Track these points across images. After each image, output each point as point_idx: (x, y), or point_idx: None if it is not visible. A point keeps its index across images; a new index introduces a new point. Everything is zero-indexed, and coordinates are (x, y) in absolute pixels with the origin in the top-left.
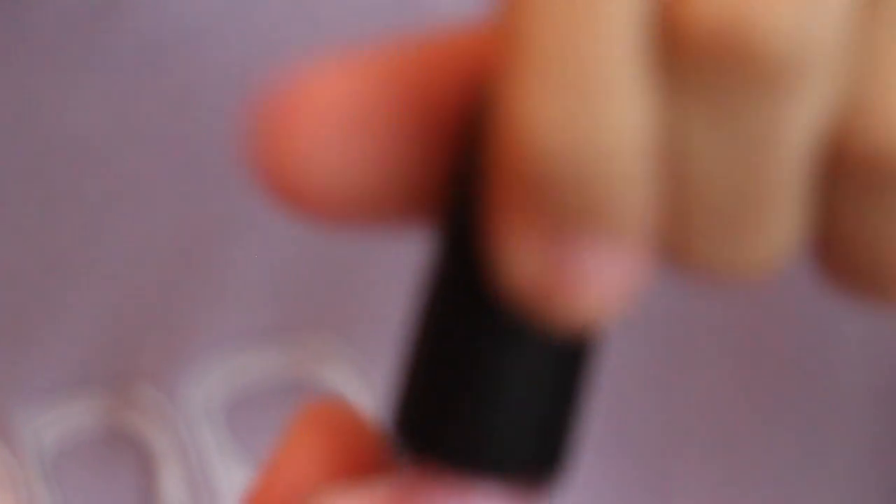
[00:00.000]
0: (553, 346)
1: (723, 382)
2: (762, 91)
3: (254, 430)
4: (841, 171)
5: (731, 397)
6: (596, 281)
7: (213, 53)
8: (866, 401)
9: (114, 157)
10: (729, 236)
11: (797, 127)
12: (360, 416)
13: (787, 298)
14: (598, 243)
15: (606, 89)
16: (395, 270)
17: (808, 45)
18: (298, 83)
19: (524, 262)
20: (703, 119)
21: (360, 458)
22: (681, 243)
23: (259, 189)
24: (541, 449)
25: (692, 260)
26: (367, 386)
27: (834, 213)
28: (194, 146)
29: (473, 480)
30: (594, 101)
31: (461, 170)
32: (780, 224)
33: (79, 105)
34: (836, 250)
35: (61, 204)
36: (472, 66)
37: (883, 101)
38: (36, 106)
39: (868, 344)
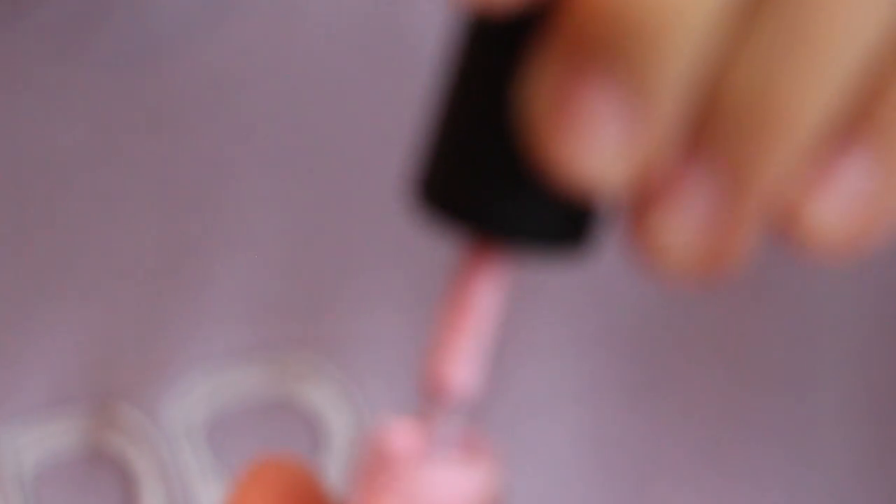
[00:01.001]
0: None
1: (710, 387)
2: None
3: (235, 450)
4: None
5: (718, 403)
6: (601, 135)
7: (191, 70)
8: (855, 408)
9: (92, 173)
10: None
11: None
12: (309, 472)
13: (774, 298)
14: (618, 96)
15: None
16: (377, 290)
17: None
18: None
19: (546, 82)
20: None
21: None
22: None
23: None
24: (564, 223)
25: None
26: (349, 405)
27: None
28: (174, 163)
29: (502, 245)
30: None
31: None
32: None
33: (56, 121)
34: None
35: (39, 221)
36: None
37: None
38: (12, 122)
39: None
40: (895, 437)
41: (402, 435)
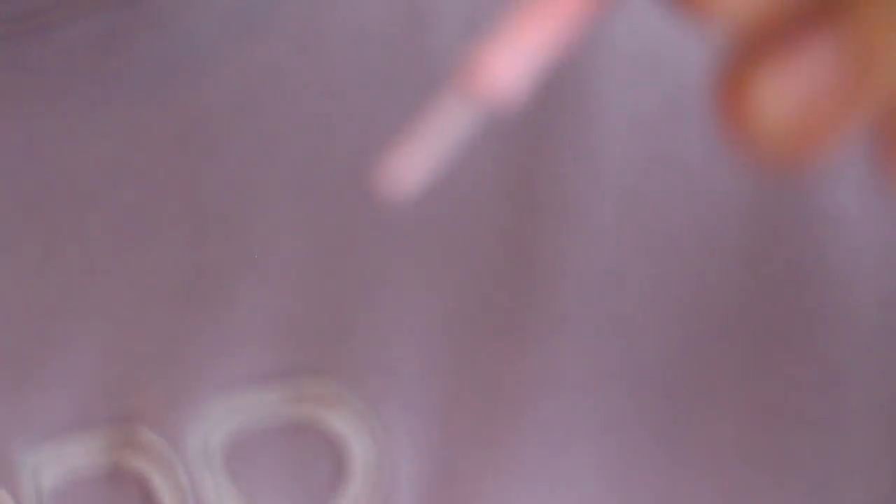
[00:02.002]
0: None
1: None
2: None
3: (254, 474)
4: None
5: (742, 439)
6: None
7: (218, 92)
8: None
9: (119, 193)
10: None
11: None
12: None
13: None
14: None
15: None
16: (398, 317)
17: None
18: None
19: None
20: None
21: None
22: None
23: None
24: None
25: None
26: (368, 431)
27: None
28: (200, 184)
29: None
30: None
31: None
32: None
33: (82, 141)
34: None
35: (63, 242)
36: None
37: None
38: (39, 142)
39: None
40: None
41: None
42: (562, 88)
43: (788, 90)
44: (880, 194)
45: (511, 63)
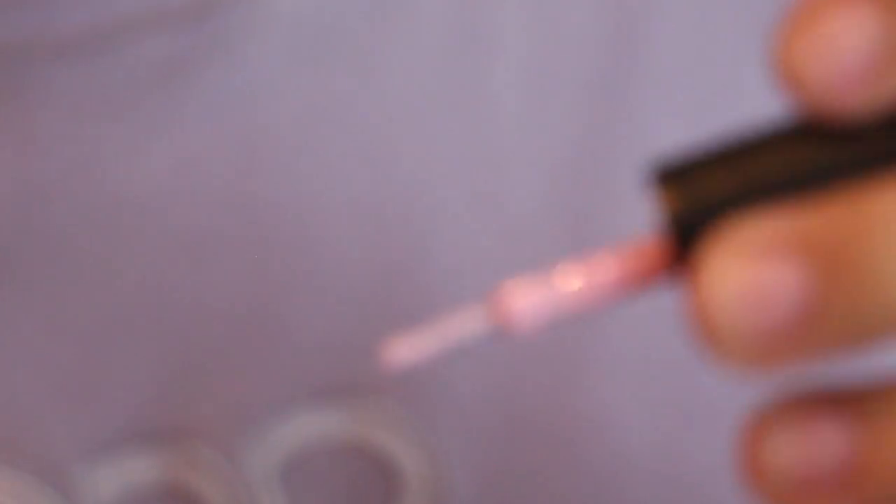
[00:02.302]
0: None
1: None
2: None
3: (310, 493)
4: None
5: None
6: None
7: (276, 113)
8: None
9: (176, 213)
10: None
11: None
12: None
13: None
14: None
15: None
16: None
17: None
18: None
19: None
20: None
21: None
22: None
23: None
24: None
25: None
26: (424, 451)
27: None
28: (256, 207)
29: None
30: None
31: None
32: None
33: (142, 161)
34: None
35: (123, 258)
36: None
37: None
38: (102, 160)
39: None
40: None
41: None
42: None
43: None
44: None
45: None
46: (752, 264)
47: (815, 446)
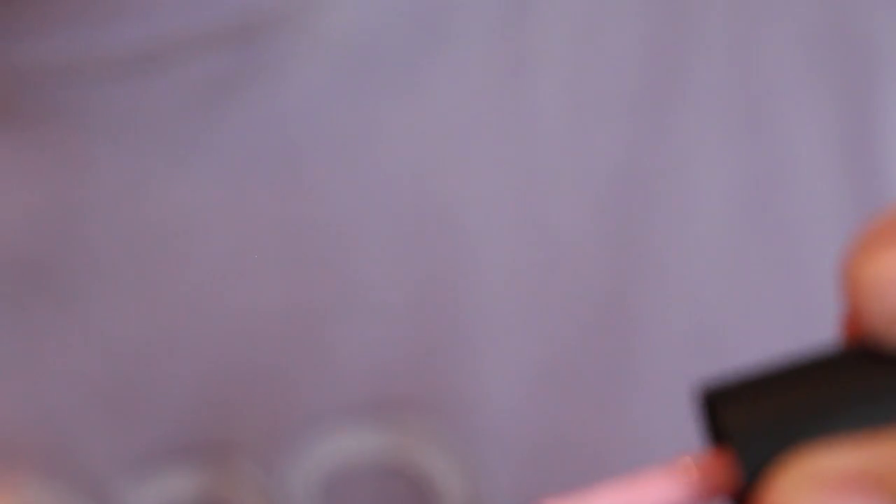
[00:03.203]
0: None
1: None
2: None
3: None
4: None
5: None
6: None
7: (318, 135)
8: None
9: (221, 232)
10: None
11: None
12: None
13: None
14: None
15: None
16: (495, 357)
17: None
18: None
19: None
20: None
21: None
22: None
23: None
24: None
25: None
26: (464, 470)
27: None
28: (300, 225)
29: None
30: None
31: None
32: None
33: (187, 179)
34: None
35: (168, 276)
36: None
37: None
38: (145, 179)
39: None
40: None
41: None
42: None
43: None
44: None
45: None
46: (827, 500)
47: None
